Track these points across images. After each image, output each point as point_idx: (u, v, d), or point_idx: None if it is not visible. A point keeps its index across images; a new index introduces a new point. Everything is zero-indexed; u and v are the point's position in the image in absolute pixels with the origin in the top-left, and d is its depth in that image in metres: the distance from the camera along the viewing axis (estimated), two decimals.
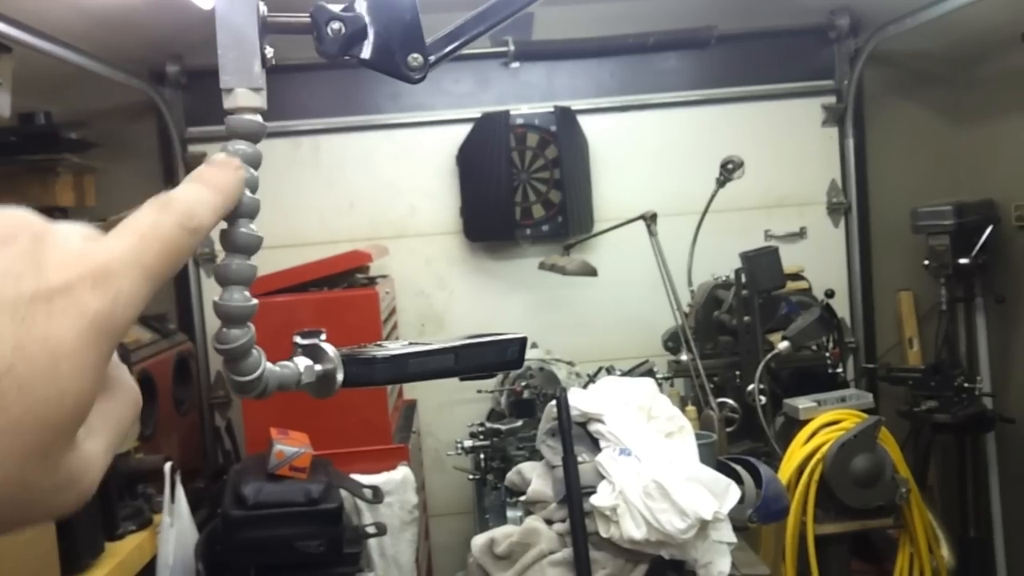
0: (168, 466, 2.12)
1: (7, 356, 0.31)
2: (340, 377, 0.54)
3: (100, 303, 0.33)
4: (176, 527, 2.12)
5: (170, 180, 3.11)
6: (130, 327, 0.35)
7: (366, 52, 0.56)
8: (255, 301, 0.49)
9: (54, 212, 2.65)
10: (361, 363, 0.55)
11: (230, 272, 0.48)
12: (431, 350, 0.59)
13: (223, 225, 0.48)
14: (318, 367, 0.54)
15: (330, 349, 0.54)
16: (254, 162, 0.50)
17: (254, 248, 0.49)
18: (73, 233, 0.35)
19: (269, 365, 0.51)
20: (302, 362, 0.53)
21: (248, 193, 0.49)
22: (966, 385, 3.00)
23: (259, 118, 0.51)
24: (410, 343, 0.60)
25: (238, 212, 0.49)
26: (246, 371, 0.50)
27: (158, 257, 0.37)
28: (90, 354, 0.33)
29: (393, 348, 0.58)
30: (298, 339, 0.54)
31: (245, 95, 0.50)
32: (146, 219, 0.38)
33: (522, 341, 0.62)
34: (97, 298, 0.33)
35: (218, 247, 0.49)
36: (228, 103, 0.50)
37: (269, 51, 0.51)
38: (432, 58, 0.57)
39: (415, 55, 0.56)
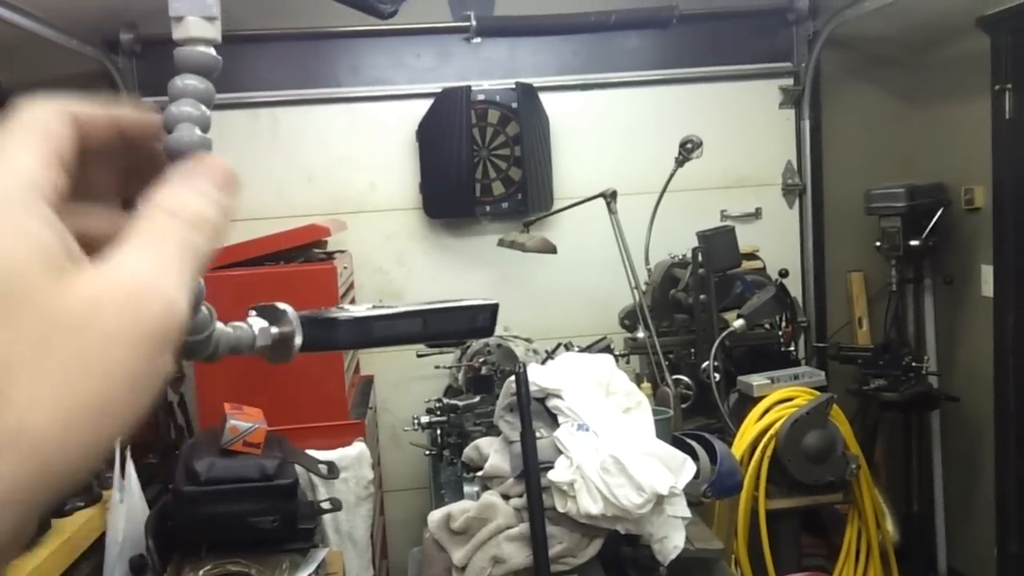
0: (118, 441, 2.08)
1: None
2: (299, 340, 0.51)
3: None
4: (126, 503, 2.09)
5: None
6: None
7: None
8: None
9: None
10: (322, 325, 0.53)
11: None
12: (397, 313, 0.56)
13: None
14: (275, 329, 0.51)
15: (288, 310, 0.52)
16: (206, 99, 0.46)
17: None
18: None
19: (220, 325, 0.48)
20: (257, 323, 0.50)
21: (199, 132, 0.46)
22: (913, 364, 3.07)
23: (212, 51, 0.47)
24: (374, 306, 0.57)
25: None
26: (194, 330, 0.46)
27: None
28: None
29: (356, 311, 0.55)
30: (253, 314, 0.51)
31: (197, 24, 0.46)
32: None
33: (493, 307, 0.60)
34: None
35: None
36: (178, 33, 0.46)
37: None
38: None
39: None
